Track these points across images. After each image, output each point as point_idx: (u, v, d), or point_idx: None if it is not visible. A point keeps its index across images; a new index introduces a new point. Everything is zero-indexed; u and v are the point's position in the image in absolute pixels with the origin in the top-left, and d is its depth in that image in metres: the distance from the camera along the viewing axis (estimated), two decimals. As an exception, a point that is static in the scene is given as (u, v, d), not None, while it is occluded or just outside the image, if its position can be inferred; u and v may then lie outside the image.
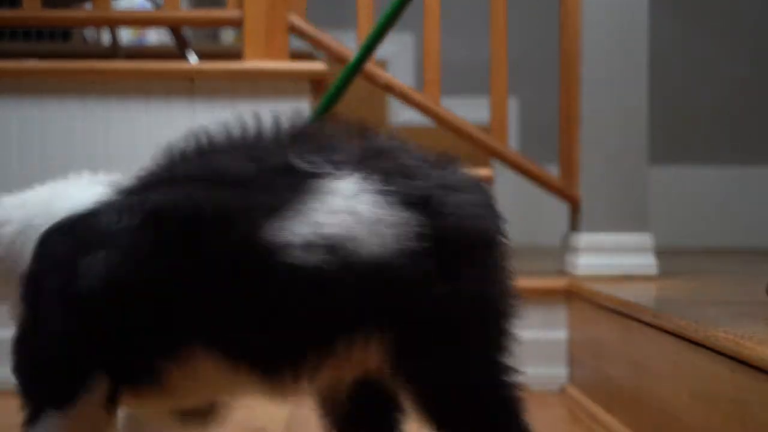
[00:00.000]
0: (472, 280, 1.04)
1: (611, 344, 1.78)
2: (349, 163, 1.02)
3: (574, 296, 2.05)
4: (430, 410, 1.05)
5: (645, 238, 2.18)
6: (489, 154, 2.25)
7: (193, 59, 2.56)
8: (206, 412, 1.19)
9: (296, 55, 2.26)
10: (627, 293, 1.80)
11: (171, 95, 2.13)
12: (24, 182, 2.12)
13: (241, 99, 2.13)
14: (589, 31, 2.18)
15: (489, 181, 2.13)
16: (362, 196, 1.00)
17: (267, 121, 1.08)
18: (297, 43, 2.28)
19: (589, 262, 2.17)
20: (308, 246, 0.98)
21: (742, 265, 2.74)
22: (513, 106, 3.72)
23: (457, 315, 1.03)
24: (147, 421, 1.19)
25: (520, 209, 3.72)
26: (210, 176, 1.04)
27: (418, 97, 2.22)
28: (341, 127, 1.09)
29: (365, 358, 1.03)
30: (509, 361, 1.10)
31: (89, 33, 3.36)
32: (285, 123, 1.07)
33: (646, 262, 2.17)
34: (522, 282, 2.10)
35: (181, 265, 1.02)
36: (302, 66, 2.15)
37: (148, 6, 2.89)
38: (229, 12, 2.22)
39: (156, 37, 3.64)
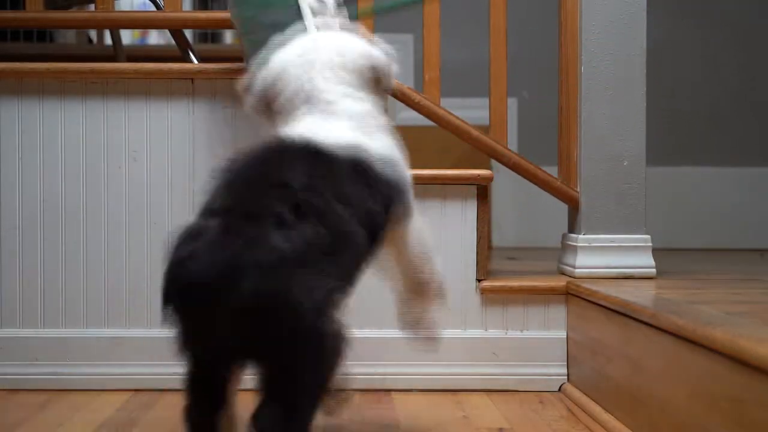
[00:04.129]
0: None
1: (610, 344, 1.79)
2: None
3: (573, 296, 2.06)
4: None
5: (643, 239, 2.19)
6: (489, 154, 2.26)
7: (194, 60, 2.56)
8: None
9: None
10: (625, 293, 1.80)
11: (171, 95, 2.14)
12: (25, 182, 2.13)
13: (241, 99, 2.13)
14: (588, 32, 2.19)
15: (489, 181, 2.14)
16: None
17: None
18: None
19: (588, 262, 2.18)
20: None
21: (739, 266, 2.75)
22: (512, 107, 3.73)
23: None
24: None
25: (520, 209, 3.73)
26: None
27: (418, 97, 2.22)
28: None
29: None
30: None
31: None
32: None
33: (645, 263, 2.18)
34: (521, 282, 2.12)
35: None
36: (303, 67, 2.15)
37: (150, 6, 2.89)
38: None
39: (157, 37, 3.65)
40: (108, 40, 3.33)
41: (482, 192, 2.14)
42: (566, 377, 2.11)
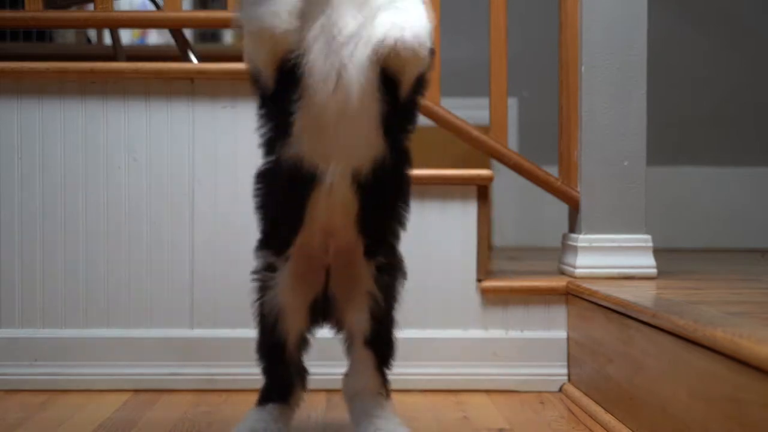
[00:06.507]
0: None
1: (610, 344, 1.79)
2: None
3: (574, 296, 2.06)
4: None
5: (644, 239, 2.19)
6: (489, 154, 2.26)
7: (193, 60, 2.56)
8: None
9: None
10: (626, 293, 1.80)
11: (171, 95, 2.14)
12: (25, 182, 2.13)
13: (241, 99, 2.13)
14: (588, 32, 2.19)
15: (489, 181, 2.14)
16: None
17: None
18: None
19: (589, 262, 2.18)
20: None
21: (740, 266, 2.75)
22: (512, 107, 3.73)
23: None
24: None
25: (520, 209, 3.72)
26: None
27: (417, 97, 2.22)
28: None
29: None
30: None
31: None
32: None
33: (645, 263, 2.18)
34: (522, 282, 2.12)
35: None
36: (302, 66, 2.15)
37: (149, 6, 2.89)
38: (230, 13, 2.23)
39: (157, 37, 3.65)
40: (108, 39, 3.33)
41: (482, 192, 2.14)
42: (567, 377, 2.11)
